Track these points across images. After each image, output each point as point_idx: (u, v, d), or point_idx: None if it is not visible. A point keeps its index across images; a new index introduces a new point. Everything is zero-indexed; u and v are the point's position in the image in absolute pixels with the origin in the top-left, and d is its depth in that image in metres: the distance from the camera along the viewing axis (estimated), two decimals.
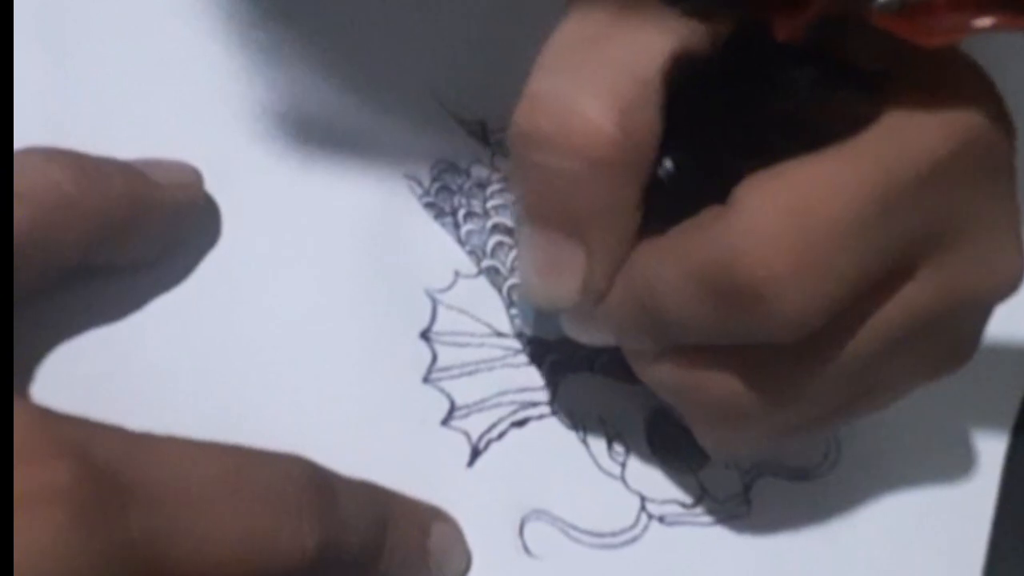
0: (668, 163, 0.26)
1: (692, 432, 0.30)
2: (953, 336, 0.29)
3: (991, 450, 0.34)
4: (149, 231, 0.29)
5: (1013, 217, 0.28)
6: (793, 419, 0.28)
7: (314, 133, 0.32)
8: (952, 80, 0.26)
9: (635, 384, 0.31)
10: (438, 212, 0.33)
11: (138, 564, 0.23)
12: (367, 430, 0.30)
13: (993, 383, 0.35)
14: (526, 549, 0.30)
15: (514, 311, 0.33)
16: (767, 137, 0.26)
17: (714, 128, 0.26)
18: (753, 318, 0.25)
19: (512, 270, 0.33)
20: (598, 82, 0.25)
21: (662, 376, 0.28)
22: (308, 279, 0.31)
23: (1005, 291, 0.28)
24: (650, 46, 0.25)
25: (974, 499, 0.33)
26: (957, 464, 0.33)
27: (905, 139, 0.25)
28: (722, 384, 0.27)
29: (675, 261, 0.26)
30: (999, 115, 0.26)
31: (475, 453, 0.31)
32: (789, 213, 0.24)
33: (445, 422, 0.31)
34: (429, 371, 0.31)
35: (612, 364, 0.32)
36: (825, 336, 0.26)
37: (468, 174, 0.34)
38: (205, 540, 0.24)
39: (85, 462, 0.23)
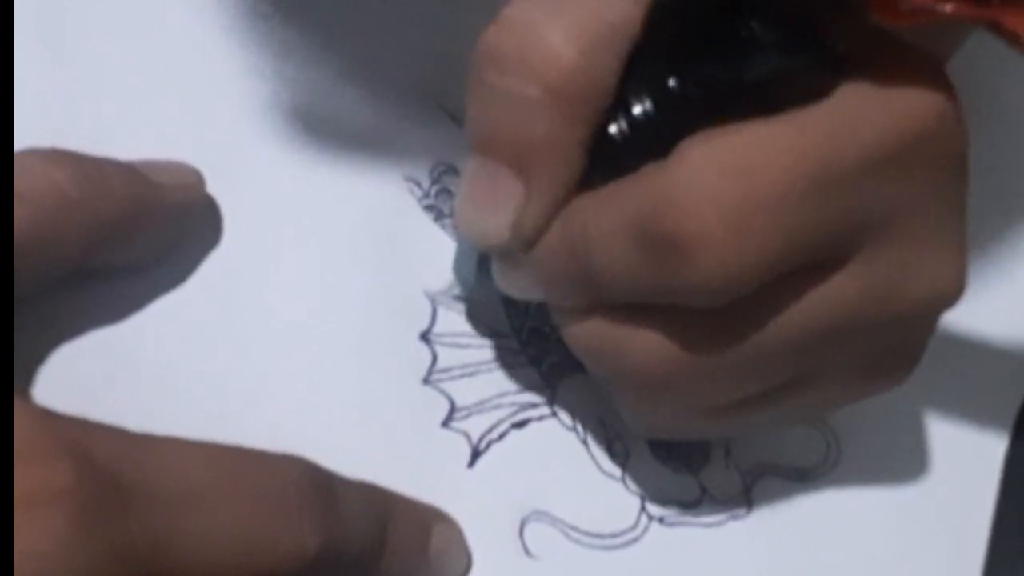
0: (623, 122, 0.26)
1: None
2: (889, 343, 0.28)
3: (991, 450, 0.34)
4: (149, 232, 0.29)
5: (957, 226, 0.27)
6: (713, 397, 0.28)
7: (314, 135, 0.32)
8: (912, 73, 0.26)
9: None
10: (438, 214, 0.33)
11: (138, 565, 0.23)
12: (367, 431, 0.30)
13: (993, 383, 0.35)
14: (526, 550, 0.30)
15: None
16: (726, 106, 0.25)
17: (674, 93, 0.26)
18: (678, 272, 0.25)
19: None
20: (567, 16, 0.25)
21: (585, 335, 0.28)
22: (308, 281, 0.31)
23: (941, 303, 0.28)
24: None
25: (974, 499, 0.33)
26: (957, 464, 0.33)
27: (856, 119, 0.25)
28: (642, 348, 0.27)
29: (610, 209, 0.26)
30: (955, 118, 0.26)
31: (475, 454, 0.31)
32: (727, 171, 0.24)
33: (445, 423, 0.31)
34: (429, 372, 0.31)
35: None
36: (748, 311, 0.26)
37: None
38: (205, 541, 0.24)
39: (85, 463, 0.23)
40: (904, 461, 0.33)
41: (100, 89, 0.32)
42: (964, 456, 0.33)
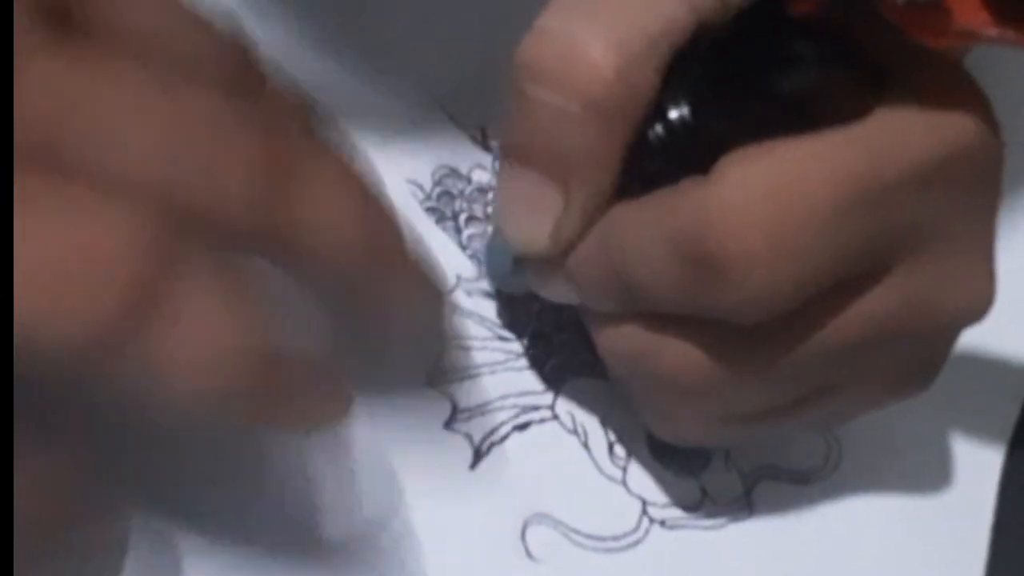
0: (660, 128, 0.26)
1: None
2: (916, 354, 0.28)
3: (990, 455, 0.34)
4: None
5: (989, 241, 0.28)
6: (741, 407, 0.28)
7: None
8: (950, 90, 0.26)
9: None
10: (439, 217, 0.33)
11: None
12: (369, 432, 0.30)
13: (993, 388, 0.35)
14: (528, 553, 0.30)
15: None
16: (764, 117, 0.26)
17: (713, 101, 0.26)
18: (718, 291, 0.25)
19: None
20: (607, 28, 0.25)
21: (619, 341, 0.28)
22: None
23: (971, 316, 0.28)
24: (665, 4, 0.25)
25: (974, 503, 0.33)
26: (957, 468, 0.33)
27: (896, 137, 0.25)
28: (676, 356, 0.27)
29: (650, 223, 0.26)
30: (992, 134, 0.26)
31: (478, 456, 0.31)
32: (769, 190, 0.25)
33: (448, 425, 0.31)
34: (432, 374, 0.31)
35: None
36: (785, 326, 0.26)
37: (469, 179, 0.34)
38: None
39: None
40: (904, 465, 0.33)
41: None
42: (964, 460, 0.33)
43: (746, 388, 0.27)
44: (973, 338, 0.32)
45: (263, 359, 0.21)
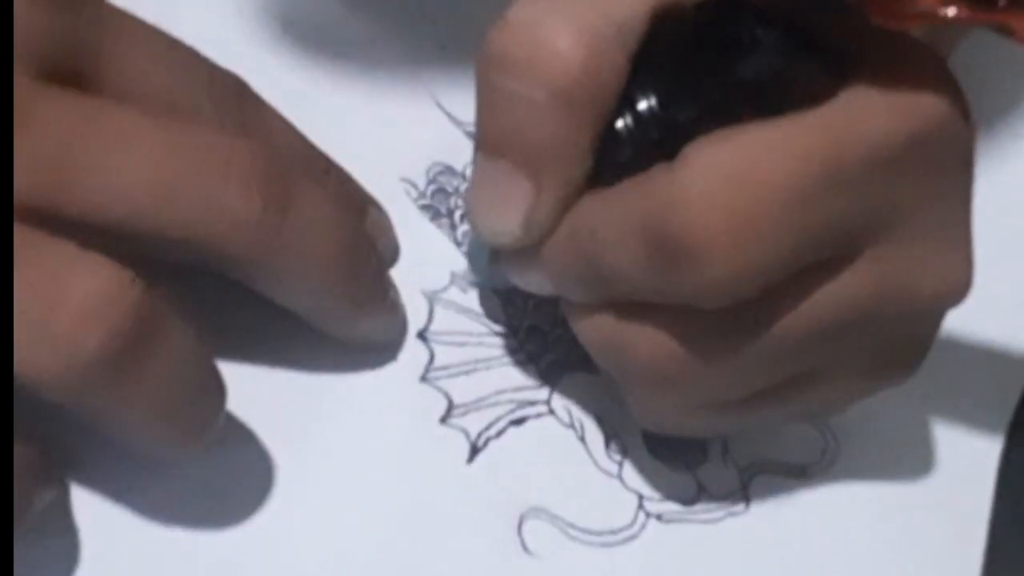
0: (629, 118, 0.26)
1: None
2: (896, 339, 0.28)
3: (987, 449, 0.34)
4: None
5: (964, 222, 0.27)
6: (721, 393, 0.28)
7: (310, 135, 0.32)
8: (916, 70, 0.26)
9: None
10: (434, 214, 0.33)
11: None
12: (365, 427, 0.30)
13: (989, 381, 0.35)
14: (524, 547, 0.30)
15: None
16: (730, 104, 0.26)
17: (681, 91, 0.26)
18: (684, 276, 0.25)
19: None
20: (574, 17, 0.26)
21: (594, 330, 0.28)
22: None
23: (950, 299, 0.28)
24: None
25: (971, 496, 0.33)
26: (954, 461, 0.33)
27: (860, 118, 0.25)
28: (649, 344, 0.27)
29: (618, 210, 0.26)
30: (960, 113, 0.26)
31: (474, 450, 0.31)
32: (732, 175, 0.25)
33: (444, 420, 0.31)
34: (427, 370, 0.31)
35: None
36: (755, 308, 0.26)
37: (464, 176, 0.34)
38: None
39: None
40: (901, 458, 0.33)
41: None
42: (961, 453, 0.33)
43: (720, 374, 0.27)
44: (969, 330, 0.33)
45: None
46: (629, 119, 0.26)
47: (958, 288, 0.27)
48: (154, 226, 0.25)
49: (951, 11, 0.23)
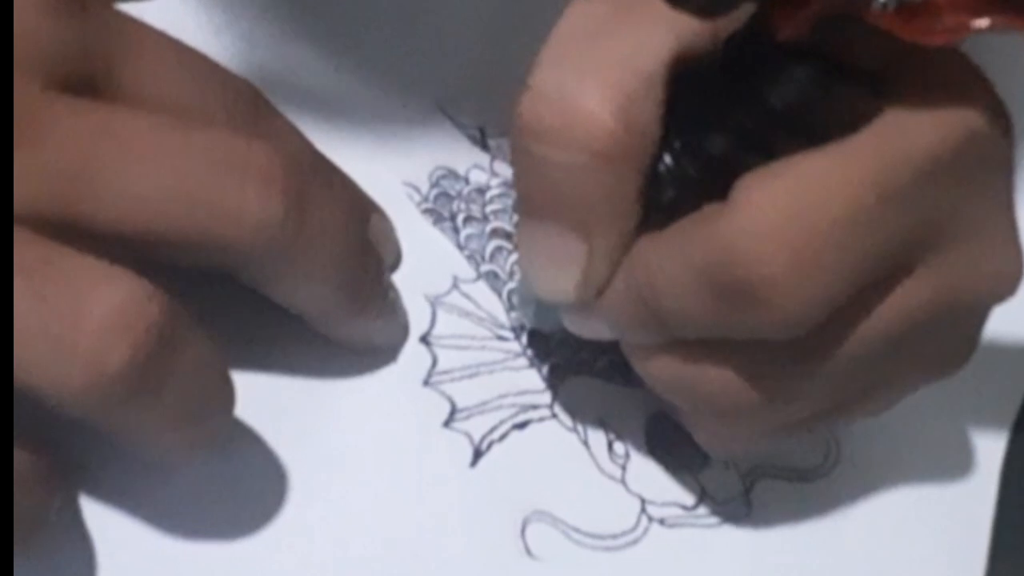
0: (668, 158, 0.27)
1: (691, 431, 0.30)
2: (951, 337, 0.29)
3: (990, 450, 0.34)
4: None
5: (1010, 218, 0.28)
6: (790, 417, 0.28)
7: (312, 140, 0.32)
8: (951, 80, 0.26)
9: (635, 387, 0.31)
10: (437, 218, 0.33)
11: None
12: (369, 431, 0.30)
13: (993, 383, 0.35)
14: (528, 551, 0.30)
15: (514, 313, 0.33)
16: (768, 134, 0.26)
17: (715, 125, 0.26)
18: (751, 315, 0.25)
19: (511, 273, 0.33)
20: (600, 75, 0.25)
21: (660, 371, 0.28)
22: None
23: (1003, 293, 0.28)
24: (652, 41, 0.26)
25: (974, 498, 0.33)
26: (956, 464, 0.33)
27: (904, 137, 0.25)
28: (719, 380, 0.27)
29: (675, 256, 0.26)
30: (998, 115, 0.26)
31: (477, 454, 0.31)
32: (787, 211, 0.25)
33: (447, 424, 0.31)
34: (429, 374, 0.31)
35: (612, 368, 0.32)
36: (822, 334, 0.26)
37: (467, 180, 0.34)
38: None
39: None
40: (904, 462, 0.33)
41: None
42: (964, 456, 0.34)
43: (792, 400, 0.28)
44: None
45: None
46: (668, 159, 0.27)
47: (1011, 281, 0.28)
48: (176, 232, 0.25)
49: (984, 22, 0.23)
